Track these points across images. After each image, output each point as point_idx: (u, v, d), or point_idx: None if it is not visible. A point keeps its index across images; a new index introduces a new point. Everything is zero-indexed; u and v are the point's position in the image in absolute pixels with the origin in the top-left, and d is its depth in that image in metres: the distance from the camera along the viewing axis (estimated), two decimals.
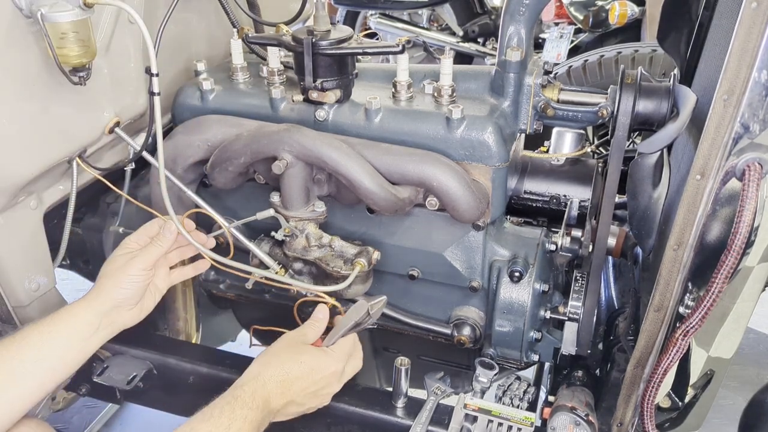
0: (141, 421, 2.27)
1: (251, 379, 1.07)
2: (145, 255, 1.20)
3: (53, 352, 1.09)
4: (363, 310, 1.17)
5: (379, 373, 1.80)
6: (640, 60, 2.32)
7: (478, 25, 4.10)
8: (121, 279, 1.18)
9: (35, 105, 1.20)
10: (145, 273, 1.20)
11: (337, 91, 1.33)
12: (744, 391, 2.15)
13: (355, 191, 1.27)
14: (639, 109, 1.20)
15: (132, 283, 1.18)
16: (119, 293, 1.17)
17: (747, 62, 0.89)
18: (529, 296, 1.35)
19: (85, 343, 1.14)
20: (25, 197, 1.31)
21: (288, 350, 1.13)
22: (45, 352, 1.08)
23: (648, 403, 1.15)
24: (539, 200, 1.53)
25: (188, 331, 1.69)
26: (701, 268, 1.07)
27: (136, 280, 1.19)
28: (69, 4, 1.12)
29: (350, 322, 1.17)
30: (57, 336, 1.10)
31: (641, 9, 3.44)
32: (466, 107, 1.29)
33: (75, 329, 1.12)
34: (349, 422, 1.33)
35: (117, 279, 1.17)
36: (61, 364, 1.10)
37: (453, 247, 1.39)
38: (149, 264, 1.20)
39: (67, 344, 1.11)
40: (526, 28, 1.29)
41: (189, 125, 1.40)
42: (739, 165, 0.95)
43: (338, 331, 1.17)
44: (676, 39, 1.40)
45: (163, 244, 1.22)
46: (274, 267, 1.34)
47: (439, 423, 1.27)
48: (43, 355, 1.08)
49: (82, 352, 1.14)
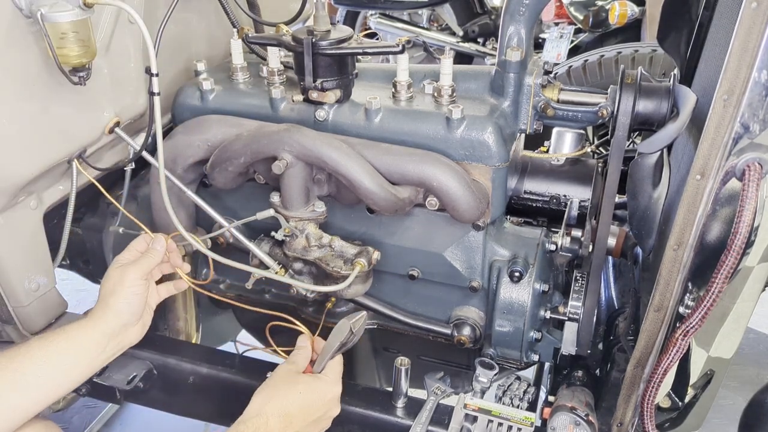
0: (141, 421, 2.27)
1: (254, 416, 1.06)
2: (139, 265, 1.20)
3: (58, 369, 1.08)
4: (346, 329, 1.18)
5: (379, 373, 1.80)
6: (640, 60, 2.32)
7: (478, 25, 4.10)
8: (122, 292, 1.17)
9: (35, 105, 1.20)
10: (142, 282, 1.19)
11: (337, 91, 1.33)
12: (744, 391, 2.15)
13: (355, 191, 1.27)
14: (639, 109, 1.20)
15: (133, 295, 1.18)
16: (124, 308, 1.17)
17: (747, 62, 0.89)
18: (529, 296, 1.35)
19: (92, 362, 1.14)
20: (25, 197, 1.31)
21: (285, 383, 1.12)
22: (48, 369, 1.07)
23: (648, 403, 1.15)
24: (539, 200, 1.53)
25: (188, 331, 1.69)
26: (701, 268, 1.07)
27: (136, 291, 1.18)
28: (69, 4, 1.12)
29: (336, 344, 1.17)
30: (64, 353, 1.09)
31: (641, 9, 3.44)
32: (466, 107, 1.29)
33: (83, 347, 1.12)
34: (349, 422, 1.33)
35: (118, 294, 1.17)
36: (66, 380, 1.10)
37: (453, 247, 1.39)
38: (144, 273, 1.20)
39: (74, 361, 1.11)
40: (526, 28, 1.29)
41: (189, 125, 1.40)
42: (739, 165, 0.95)
43: (326, 355, 1.17)
44: (676, 39, 1.40)
45: (155, 256, 1.23)
46: (274, 267, 1.34)
47: (439, 423, 1.27)
48: (45, 372, 1.07)
49: (89, 368, 1.14)
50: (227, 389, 1.42)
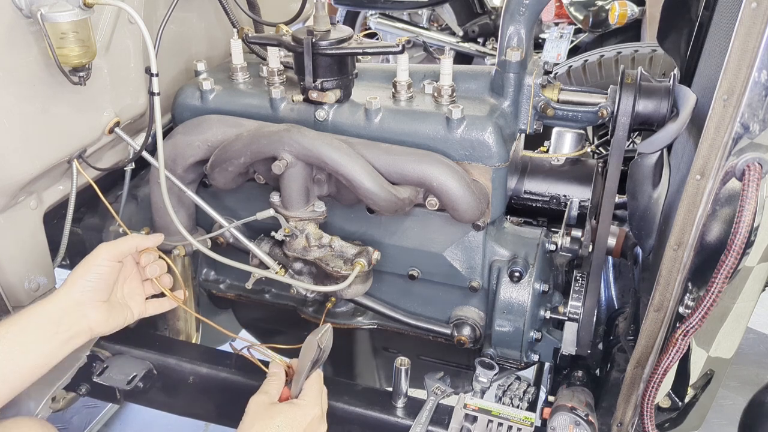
0: (141, 421, 2.27)
1: None
2: (112, 244, 1.14)
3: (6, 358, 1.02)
4: (314, 347, 1.13)
5: (379, 373, 1.80)
6: (640, 60, 2.32)
7: (478, 25, 4.10)
8: (85, 267, 1.11)
9: (35, 105, 1.20)
10: (109, 263, 1.12)
11: (337, 91, 1.33)
12: (744, 391, 2.15)
13: (355, 191, 1.27)
14: (639, 109, 1.20)
15: (96, 274, 1.11)
16: (81, 283, 1.10)
17: (747, 62, 0.89)
18: (529, 296, 1.35)
19: (45, 347, 1.06)
20: (25, 197, 1.31)
21: (261, 418, 1.05)
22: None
23: (648, 403, 1.15)
24: (539, 200, 1.53)
25: (188, 331, 1.69)
26: (701, 268, 1.07)
27: (99, 271, 1.11)
28: (69, 4, 1.12)
29: (307, 363, 1.13)
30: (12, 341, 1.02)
31: (641, 9, 3.44)
32: (466, 107, 1.29)
33: (36, 324, 1.05)
34: (349, 422, 1.33)
35: (81, 270, 1.11)
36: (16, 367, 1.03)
37: (453, 247, 1.39)
38: (115, 255, 1.13)
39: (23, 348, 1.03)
40: (526, 28, 1.29)
41: (189, 125, 1.40)
42: (739, 165, 0.95)
43: (300, 376, 1.13)
44: (676, 39, 1.40)
45: (135, 240, 1.17)
46: (274, 267, 1.34)
47: (439, 423, 1.27)
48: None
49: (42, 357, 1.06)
50: (227, 389, 1.43)
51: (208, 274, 1.69)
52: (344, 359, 1.72)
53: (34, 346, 1.05)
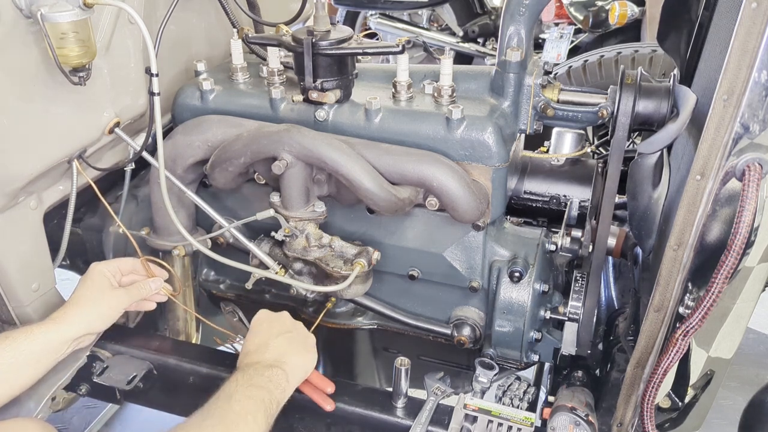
0: (141, 421, 2.27)
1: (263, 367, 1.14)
2: (132, 294, 1.28)
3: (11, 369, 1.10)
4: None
5: (379, 373, 1.80)
6: (640, 60, 2.32)
7: (478, 25, 4.10)
8: (103, 311, 1.24)
9: (35, 105, 1.20)
10: (124, 308, 1.28)
11: (337, 91, 1.33)
12: (744, 391, 2.15)
13: (355, 191, 1.27)
14: (639, 109, 1.20)
15: (112, 318, 1.26)
16: (97, 325, 1.24)
17: (747, 62, 0.89)
18: (529, 296, 1.35)
19: (47, 361, 1.17)
20: (25, 197, 1.31)
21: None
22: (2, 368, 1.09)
23: (648, 404, 1.14)
24: (539, 200, 1.53)
25: (188, 331, 1.69)
26: (701, 268, 1.07)
27: (116, 315, 1.26)
28: (69, 4, 1.12)
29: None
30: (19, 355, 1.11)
31: (641, 9, 3.44)
32: (466, 107, 1.29)
33: (44, 350, 1.15)
34: (349, 422, 1.33)
35: (99, 310, 1.23)
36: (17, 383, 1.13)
37: (453, 247, 1.39)
38: (131, 303, 1.29)
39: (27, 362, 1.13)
40: (526, 28, 1.29)
41: (189, 125, 1.40)
42: (739, 165, 0.95)
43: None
44: (676, 39, 1.40)
45: (147, 291, 1.32)
46: (274, 267, 1.34)
47: (439, 423, 1.27)
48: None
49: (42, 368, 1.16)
50: None
51: (208, 274, 1.69)
52: (344, 359, 1.72)
53: (37, 363, 1.15)
